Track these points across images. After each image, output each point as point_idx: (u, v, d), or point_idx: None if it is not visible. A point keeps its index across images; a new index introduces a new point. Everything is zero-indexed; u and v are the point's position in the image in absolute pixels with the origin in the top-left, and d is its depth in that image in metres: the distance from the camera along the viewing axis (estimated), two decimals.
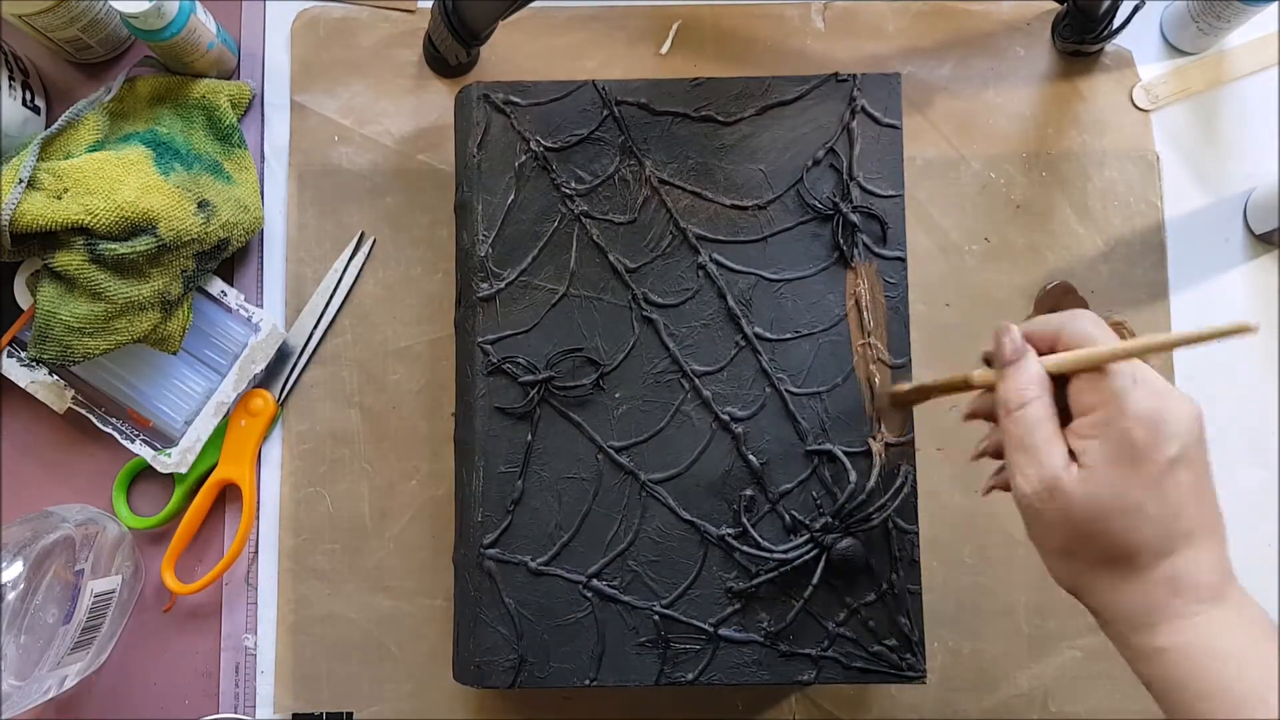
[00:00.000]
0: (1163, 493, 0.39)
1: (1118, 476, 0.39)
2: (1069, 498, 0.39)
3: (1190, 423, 0.39)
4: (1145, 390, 0.39)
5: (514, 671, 0.53)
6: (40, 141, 0.57)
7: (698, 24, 0.66)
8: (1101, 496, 0.39)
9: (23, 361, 0.60)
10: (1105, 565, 0.40)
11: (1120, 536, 0.39)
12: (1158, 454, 0.38)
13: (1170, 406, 0.39)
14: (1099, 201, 0.65)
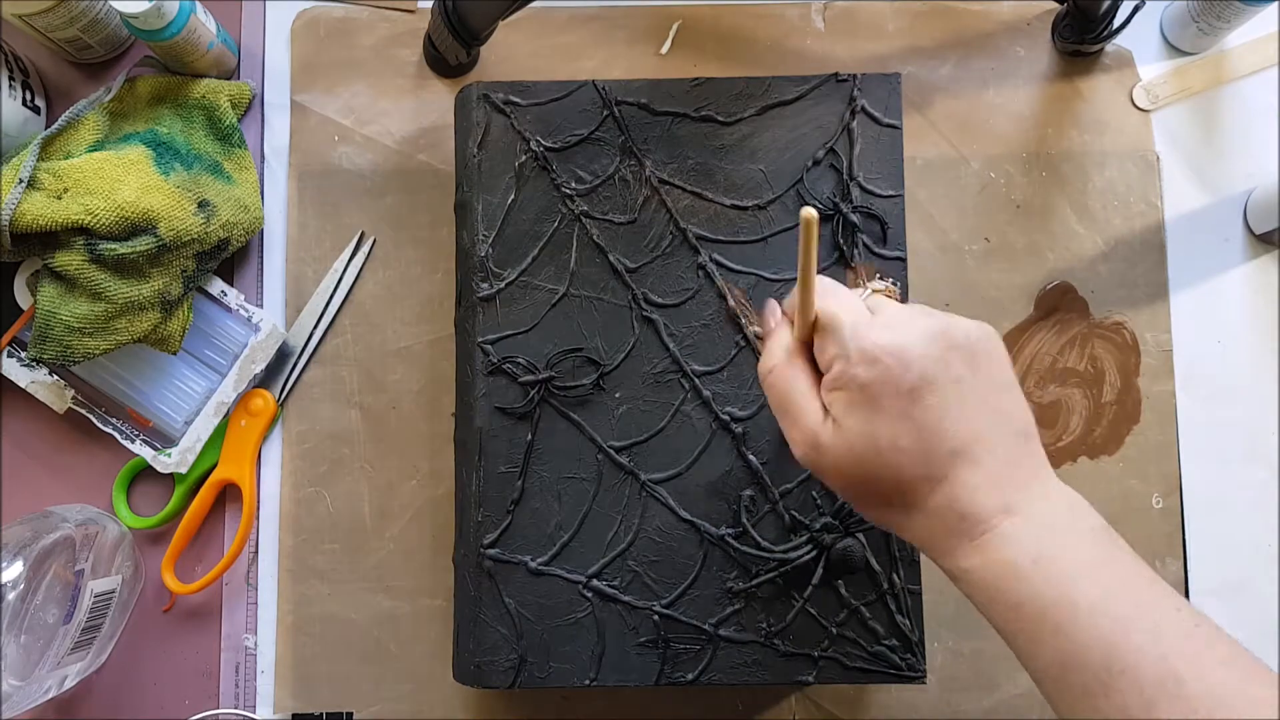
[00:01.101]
0: (913, 422, 0.38)
1: (863, 420, 0.38)
2: (830, 452, 0.39)
3: (925, 343, 0.38)
4: (871, 329, 0.39)
5: (514, 671, 0.53)
6: (40, 141, 0.57)
7: (698, 24, 0.66)
8: (855, 444, 0.39)
9: (23, 361, 0.60)
10: (888, 503, 0.40)
11: (886, 476, 0.39)
12: (895, 387, 0.38)
13: (898, 336, 0.39)
14: (1099, 201, 0.65)
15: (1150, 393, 0.63)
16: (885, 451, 0.38)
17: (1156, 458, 0.63)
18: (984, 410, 0.39)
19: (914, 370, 0.38)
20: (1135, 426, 0.63)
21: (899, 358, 0.38)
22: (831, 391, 0.40)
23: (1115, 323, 0.64)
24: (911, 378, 0.38)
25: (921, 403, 0.38)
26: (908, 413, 0.38)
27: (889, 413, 0.38)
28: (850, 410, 0.39)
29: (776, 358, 0.42)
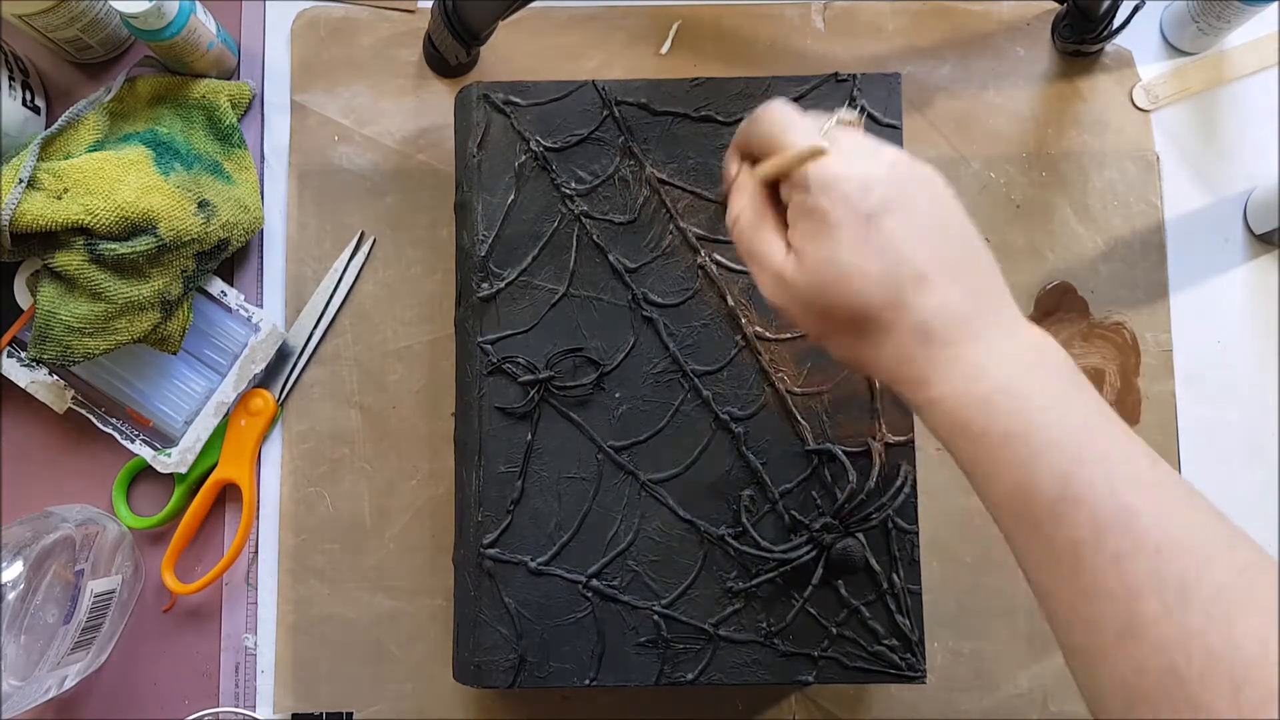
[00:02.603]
0: (873, 246, 0.37)
1: (825, 248, 0.38)
2: (794, 284, 0.39)
3: (884, 170, 0.38)
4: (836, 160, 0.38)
5: (514, 671, 0.53)
6: (40, 141, 0.57)
7: (698, 24, 0.66)
8: (819, 272, 0.38)
9: (23, 361, 0.60)
10: (855, 333, 0.39)
11: (851, 303, 0.38)
12: (854, 211, 0.37)
13: (856, 164, 0.38)
14: (1099, 201, 0.65)
15: (1150, 393, 0.63)
16: (849, 277, 0.38)
17: None
18: (945, 238, 0.39)
19: (874, 195, 0.38)
20: (1135, 426, 0.63)
21: (858, 183, 0.38)
22: (794, 225, 0.39)
23: (1115, 323, 0.64)
24: (871, 202, 0.38)
25: (882, 227, 0.38)
26: (868, 237, 0.38)
27: (850, 238, 0.38)
28: (811, 239, 0.39)
29: (740, 203, 0.42)
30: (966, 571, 0.62)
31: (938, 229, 0.39)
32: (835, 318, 0.39)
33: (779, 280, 0.40)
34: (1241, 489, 0.63)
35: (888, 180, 0.38)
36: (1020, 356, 0.38)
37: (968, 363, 0.37)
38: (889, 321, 0.38)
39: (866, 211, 0.38)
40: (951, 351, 0.37)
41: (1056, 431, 0.35)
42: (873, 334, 0.39)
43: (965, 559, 0.62)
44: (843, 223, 0.38)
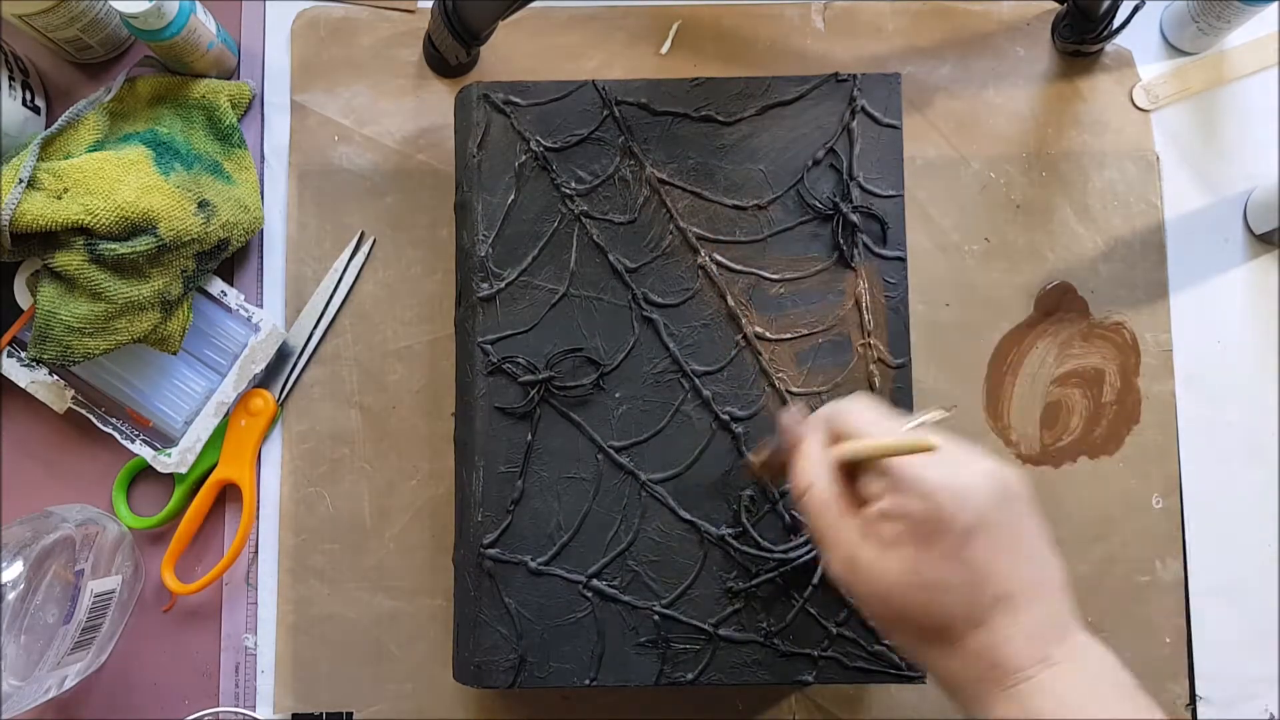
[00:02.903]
0: (962, 564, 0.38)
1: (911, 554, 0.38)
2: (869, 577, 0.39)
3: (985, 486, 0.38)
4: (930, 464, 0.39)
5: (514, 671, 0.53)
6: (40, 141, 0.57)
7: (698, 24, 0.66)
8: (900, 576, 0.38)
9: (23, 361, 0.60)
10: (923, 639, 0.39)
11: (926, 612, 0.38)
12: (949, 526, 0.38)
13: (960, 475, 0.38)
14: (1099, 201, 0.65)
15: (1150, 393, 0.63)
16: (930, 588, 0.38)
17: (1156, 458, 0.63)
18: (1030, 560, 0.39)
19: (970, 512, 0.38)
20: (1135, 426, 0.63)
21: (957, 497, 0.38)
22: (880, 521, 0.39)
23: (1115, 323, 0.64)
24: (967, 519, 0.38)
25: (973, 545, 0.38)
26: (958, 553, 0.38)
27: (939, 551, 0.38)
28: (898, 542, 0.39)
29: (813, 476, 0.42)
30: None
31: (1025, 551, 0.39)
32: (907, 620, 0.39)
33: (852, 566, 0.40)
34: (1241, 489, 0.63)
35: (982, 496, 0.38)
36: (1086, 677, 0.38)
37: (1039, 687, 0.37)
38: (961, 636, 0.38)
39: (960, 528, 0.38)
40: (1022, 675, 0.38)
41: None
42: (942, 646, 0.39)
43: None
44: (936, 534, 0.38)
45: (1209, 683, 0.61)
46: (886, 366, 0.55)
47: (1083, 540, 0.62)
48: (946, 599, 0.38)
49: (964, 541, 0.38)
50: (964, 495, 0.38)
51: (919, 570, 0.38)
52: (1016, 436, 0.63)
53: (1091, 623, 0.61)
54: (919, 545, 0.38)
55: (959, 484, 0.38)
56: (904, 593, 0.39)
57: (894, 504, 0.39)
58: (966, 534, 0.38)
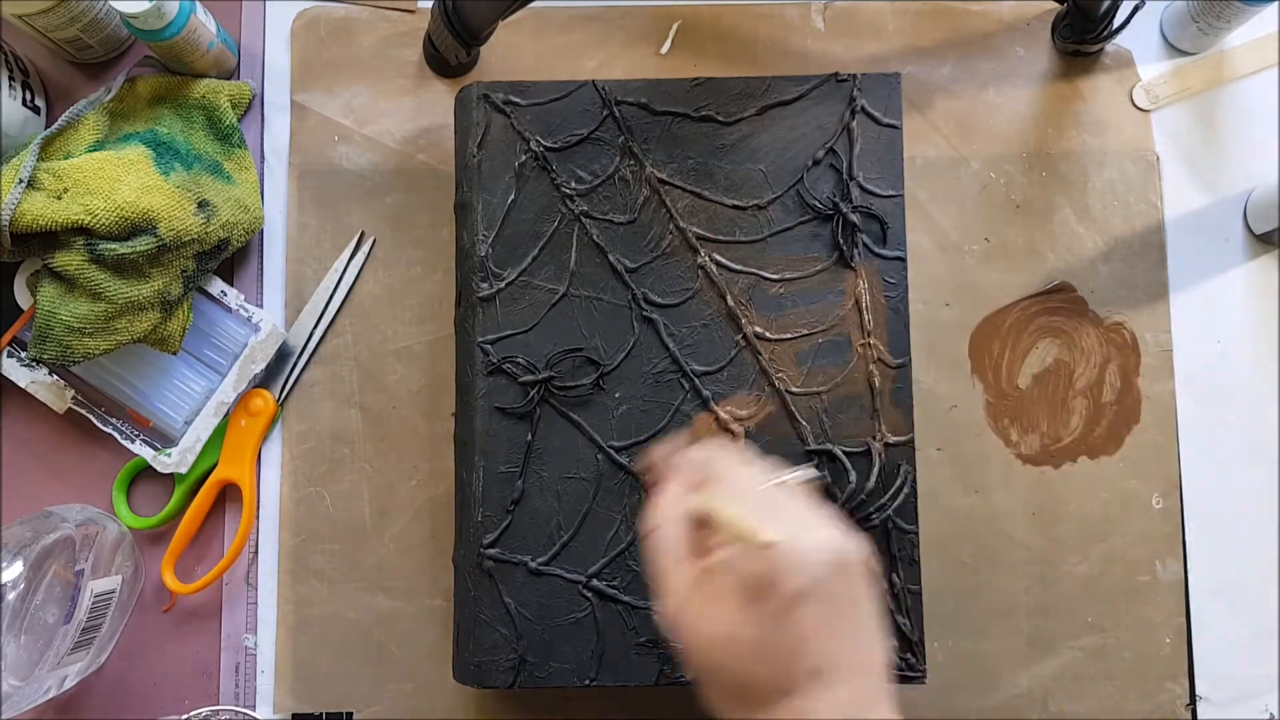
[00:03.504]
0: (783, 630, 0.37)
1: (734, 611, 0.37)
2: (691, 631, 0.39)
3: (821, 556, 0.37)
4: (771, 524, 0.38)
5: (514, 671, 0.53)
6: (40, 141, 0.57)
7: (698, 24, 0.66)
8: (717, 632, 0.38)
9: (23, 361, 0.60)
10: (734, 699, 0.39)
11: (739, 671, 0.38)
12: (778, 590, 0.37)
13: (799, 540, 0.37)
14: (1099, 201, 0.65)
15: (1150, 393, 0.63)
16: (746, 649, 0.37)
17: (1156, 458, 0.63)
18: (854, 640, 0.38)
19: (801, 578, 0.37)
20: (1135, 426, 0.63)
21: (792, 562, 0.37)
22: (714, 573, 0.39)
23: (1115, 323, 0.64)
24: (797, 584, 0.37)
25: (798, 613, 0.37)
26: (781, 618, 0.37)
27: (764, 612, 0.37)
28: (724, 597, 0.38)
29: (661, 518, 0.41)
30: (966, 571, 0.62)
31: (850, 630, 0.38)
32: (719, 678, 0.39)
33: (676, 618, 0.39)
34: (1241, 489, 0.63)
35: (816, 564, 0.37)
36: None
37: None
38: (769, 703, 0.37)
39: (788, 592, 0.37)
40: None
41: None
42: (753, 709, 0.38)
43: (965, 559, 0.62)
44: (761, 595, 0.37)
45: (1209, 683, 0.61)
46: (886, 366, 0.55)
47: (1083, 540, 0.62)
48: (761, 662, 0.37)
49: (790, 607, 0.37)
50: (798, 561, 0.37)
51: (740, 628, 0.37)
52: (1016, 436, 0.63)
53: (1091, 623, 0.61)
54: (745, 603, 0.37)
55: (795, 549, 0.37)
56: (722, 648, 0.38)
57: (729, 557, 0.38)
58: (794, 600, 0.37)
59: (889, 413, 0.55)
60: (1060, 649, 0.61)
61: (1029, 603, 0.62)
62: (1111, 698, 0.61)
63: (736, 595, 0.38)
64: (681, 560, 0.40)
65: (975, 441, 0.63)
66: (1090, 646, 0.61)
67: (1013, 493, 0.62)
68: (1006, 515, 0.62)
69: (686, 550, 0.40)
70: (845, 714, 0.37)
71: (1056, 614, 0.62)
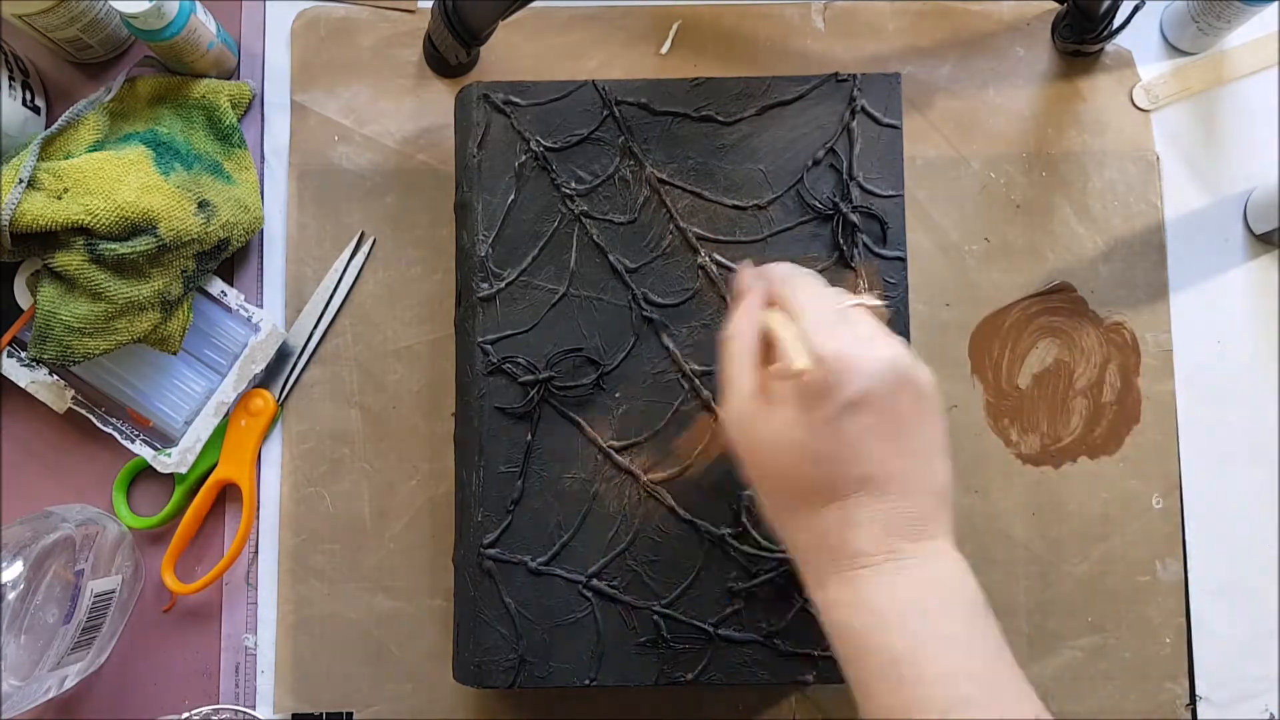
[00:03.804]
0: (836, 435, 0.38)
1: (792, 416, 0.38)
2: (749, 431, 0.40)
3: (879, 368, 0.38)
4: (832, 333, 0.39)
5: (514, 671, 0.53)
6: (40, 141, 0.57)
7: (698, 24, 0.66)
8: (775, 434, 0.39)
9: (23, 361, 0.60)
10: (785, 503, 0.40)
11: (793, 474, 0.39)
12: (832, 395, 0.38)
13: (859, 351, 0.38)
14: (1099, 201, 0.65)
15: (1150, 393, 0.63)
16: (800, 451, 0.38)
17: (1156, 458, 0.63)
18: (909, 455, 0.39)
19: (857, 385, 0.38)
20: (1135, 426, 0.63)
21: (848, 369, 0.38)
22: (775, 379, 0.40)
23: (1115, 323, 0.64)
24: (852, 391, 0.37)
25: (851, 420, 0.38)
26: (834, 424, 0.38)
27: (817, 417, 0.38)
28: (783, 402, 0.39)
29: (740, 328, 0.43)
30: None
31: (907, 444, 0.39)
32: (774, 479, 0.40)
33: (739, 415, 0.40)
34: (1241, 489, 0.63)
35: (873, 375, 0.38)
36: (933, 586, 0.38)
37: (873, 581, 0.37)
38: (817, 510, 0.38)
39: (842, 399, 0.37)
40: (863, 562, 0.37)
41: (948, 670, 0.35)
42: (798, 514, 0.39)
43: (965, 559, 0.62)
44: (818, 399, 0.38)
45: (1209, 683, 0.61)
46: None
47: (1083, 540, 0.62)
48: (812, 466, 0.38)
49: (842, 414, 0.37)
50: (855, 369, 0.38)
51: (795, 431, 0.38)
52: (1016, 436, 0.63)
53: (1091, 623, 0.61)
54: (800, 407, 0.38)
55: (853, 357, 0.38)
56: (775, 450, 0.39)
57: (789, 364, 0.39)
58: (847, 407, 0.37)
59: None
60: (1060, 649, 0.61)
61: (1029, 602, 0.62)
62: (1111, 698, 0.61)
63: (793, 400, 0.39)
64: (748, 368, 0.41)
65: (975, 441, 0.63)
66: (1090, 646, 0.61)
67: (1013, 493, 0.62)
68: (1006, 515, 0.62)
69: (755, 360, 0.41)
70: (894, 528, 0.38)
71: (1056, 614, 0.62)
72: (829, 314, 0.40)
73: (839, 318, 0.40)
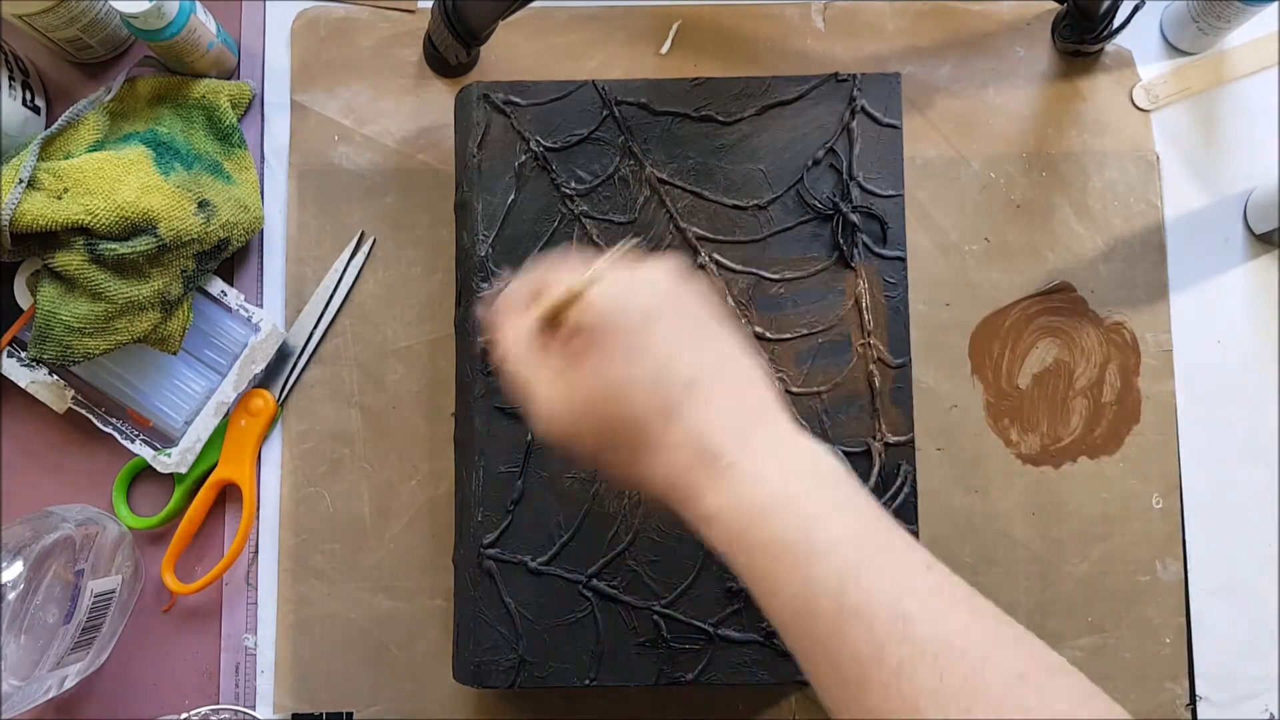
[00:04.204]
0: (643, 355, 0.37)
1: (592, 366, 0.38)
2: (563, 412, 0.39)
3: (655, 283, 0.38)
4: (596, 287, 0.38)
5: (514, 671, 0.53)
6: (40, 141, 0.57)
7: (698, 24, 0.66)
8: (585, 393, 0.38)
9: (23, 361, 0.60)
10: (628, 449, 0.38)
11: (620, 415, 0.38)
12: (621, 322, 0.37)
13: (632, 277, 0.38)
14: (1099, 201, 0.65)
15: (1150, 393, 0.63)
16: (617, 388, 0.37)
17: (1156, 458, 0.63)
18: (717, 347, 0.39)
19: (640, 302, 0.38)
20: (1135, 426, 0.63)
21: (628, 295, 0.38)
22: (568, 342, 0.39)
23: (1115, 323, 0.64)
24: (637, 311, 0.37)
25: (650, 334, 0.37)
26: (636, 346, 0.37)
27: (617, 350, 0.37)
28: (578, 361, 0.38)
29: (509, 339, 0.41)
30: (966, 571, 0.61)
31: (710, 339, 0.38)
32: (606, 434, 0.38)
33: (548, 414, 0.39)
34: (1241, 489, 0.63)
35: (651, 291, 0.38)
36: (796, 465, 0.37)
37: (743, 472, 0.36)
38: (660, 432, 0.37)
39: (634, 320, 0.37)
40: (726, 460, 0.36)
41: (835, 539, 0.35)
42: (646, 448, 0.38)
43: (965, 559, 0.62)
44: (609, 336, 0.37)
45: (1209, 683, 0.61)
46: (886, 366, 0.55)
47: (1083, 540, 0.62)
48: (637, 394, 0.37)
49: (640, 333, 0.37)
50: (634, 292, 0.38)
51: (602, 376, 0.37)
52: (1016, 436, 0.63)
53: (1092, 623, 0.61)
54: (598, 353, 0.38)
55: (628, 284, 0.38)
56: (594, 404, 0.38)
57: (575, 319, 0.38)
58: (641, 327, 0.37)
59: (889, 412, 0.55)
60: (1060, 649, 0.60)
61: (1029, 603, 0.62)
62: (1112, 698, 0.61)
63: (591, 349, 0.38)
64: (537, 366, 0.40)
65: (975, 441, 0.63)
66: (1090, 646, 0.61)
67: (1013, 493, 0.62)
68: (1006, 515, 0.62)
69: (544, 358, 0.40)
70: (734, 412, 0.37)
71: (1056, 614, 0.62)
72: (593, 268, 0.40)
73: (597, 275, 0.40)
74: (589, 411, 0.38)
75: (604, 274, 0.39)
